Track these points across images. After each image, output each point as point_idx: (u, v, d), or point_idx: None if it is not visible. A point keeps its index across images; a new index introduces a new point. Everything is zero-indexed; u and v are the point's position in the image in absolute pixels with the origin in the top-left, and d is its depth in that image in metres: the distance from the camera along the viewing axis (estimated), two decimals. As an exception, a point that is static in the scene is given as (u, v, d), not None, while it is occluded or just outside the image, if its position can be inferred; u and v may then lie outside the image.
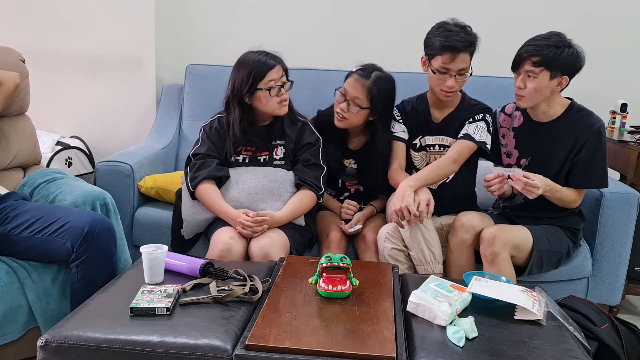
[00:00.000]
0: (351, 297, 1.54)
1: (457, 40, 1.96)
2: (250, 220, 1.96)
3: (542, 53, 1.87)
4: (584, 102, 2.07)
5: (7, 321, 1.65)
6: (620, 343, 1.80)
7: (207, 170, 2.06)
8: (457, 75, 2.00)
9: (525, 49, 1.91)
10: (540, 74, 1.89)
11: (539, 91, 1.92)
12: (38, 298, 1.73)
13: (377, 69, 2.12)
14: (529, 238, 1.94)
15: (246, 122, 2.08)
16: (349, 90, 2.09)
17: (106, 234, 1.75)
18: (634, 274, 2.39)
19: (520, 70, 1.93)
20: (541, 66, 1.88)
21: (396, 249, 1.99)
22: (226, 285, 1.54)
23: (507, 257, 1.88)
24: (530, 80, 1.91)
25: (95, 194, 1.90)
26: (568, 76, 1.92)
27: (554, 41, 1.89)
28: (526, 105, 1.98)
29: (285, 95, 2.08)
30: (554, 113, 2.01)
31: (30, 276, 1.73)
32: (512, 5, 2.86)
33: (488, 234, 1.90)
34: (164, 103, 2.87)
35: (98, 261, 1.73)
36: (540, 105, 1.99)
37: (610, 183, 2.26)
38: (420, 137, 2.17)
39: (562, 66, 1.88)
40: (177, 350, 1.28)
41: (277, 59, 2.07)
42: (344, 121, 2.13)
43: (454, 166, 2.06)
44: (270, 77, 2.03)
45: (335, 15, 2.93)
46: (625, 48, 2.87)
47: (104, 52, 2.86)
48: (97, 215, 1.82)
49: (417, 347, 1.32)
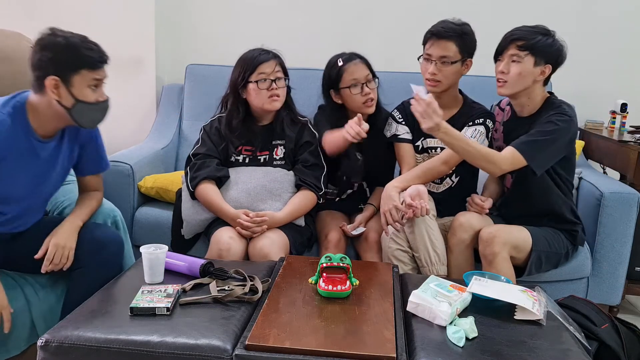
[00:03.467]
0: (351, 297, 1.54)
1: (440, 26, 2.00)
2: (249, 220, 1.96)
3: (529, 37, 1.87)
4: (584, 102, 2.07)
5: (10, 336, 1.64)
6: (620, 343, 1.80)
7: (207, 170, 2.06)
8: (438, 62, 2.00)
9: (512, 33, 1.91)
10: (525, 59, 1.88)
11: (523, 77, 1.90)
12: (42, 315, 1.73)
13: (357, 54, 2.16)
14: (529, 239, 1.93)
15: (242, 115, 2.09)
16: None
17: (115, 246, 1.76)
18: (634, 274, 2.39)
19: (504, 55, 1.92)
20: (526, 50, 1.87)
21: (401, 250, 1.98)
22: (226, 285, 1.54)
23: (506, 257, 1.87)
24: (514, 65, 1.89)
25: (105, 211, 1.89)
26: (552, 66, 1.91)
27: (540, 29, 1.90)
28: (507, 92, 1.95)
29: (278, 91, 2.06)
30: (535, 107, 1.98)
31: (37, 294, 1.73)
32: (512, 5, 2.86)
33: (487, 233, 1.89)
34: (164, 103, 2.87)
35: (100, 272, 1.70)
36: (521, 97, 1.96)
37: (610, 183, 2.27)
38: (423, 139, 2.17)
39: (547, 54, 1.88)
40: (177, 350, 1.28)
41: (272, 54, 2.07)
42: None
43: (443, 167, 2.05)
44: (261, 69, 2.03)
45: (336, 16, 2.93)
46: (625, 48, 2.87)
47: (104, 52, 2.86)
48: (110, 228, 1.84)
49: (417, 347, 1.32)
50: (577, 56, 2.87)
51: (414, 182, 2.00)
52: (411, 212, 1.90)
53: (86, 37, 1.61)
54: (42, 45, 1.55)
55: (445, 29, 1.99)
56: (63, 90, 1.55)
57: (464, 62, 2.04)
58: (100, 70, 1.61)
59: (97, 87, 1.61)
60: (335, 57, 2.17)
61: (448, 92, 2.09)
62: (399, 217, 1.93)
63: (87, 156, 1.82)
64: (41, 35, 1.56)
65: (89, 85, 1.58)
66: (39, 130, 1.63)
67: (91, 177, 1.86)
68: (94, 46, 1.60)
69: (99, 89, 1.62)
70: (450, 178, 2.16)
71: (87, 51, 1.57)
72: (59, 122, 1.64)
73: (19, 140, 1.59)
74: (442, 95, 2.09)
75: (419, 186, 1.96)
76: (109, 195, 2.04)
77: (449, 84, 2.06)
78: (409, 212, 1.91)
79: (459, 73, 2.05)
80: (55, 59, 1.53)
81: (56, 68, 1.54)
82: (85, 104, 1.59)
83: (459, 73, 2.05)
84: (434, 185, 2.17)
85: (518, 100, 1.99)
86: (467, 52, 2.03)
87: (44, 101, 1.58)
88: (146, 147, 2.60)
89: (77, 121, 1.61)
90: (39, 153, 1.65)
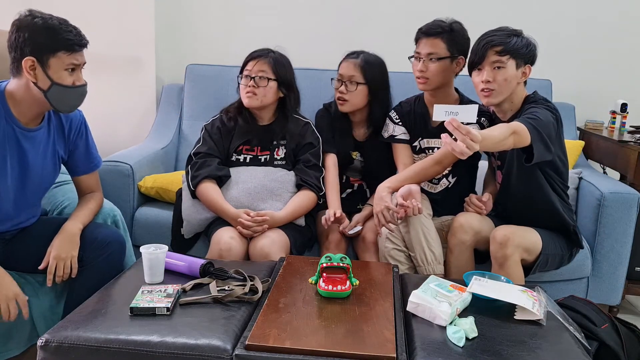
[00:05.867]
0: (351, 297, 1.54)
1: (429, 24, 2.03)
2: (250, 220, 1.96)
3: (505, 41, 1.84)
4: (584, 102, 2.06)
5: (11, 336, 1.64)
6: (620, 343, 1.80)
7: (208, 170, 2.06)
8: (426, 59, 2.01)
9: (486, 39, 1.87)
10: (507, 63, 1.84)
11: (508, 82, 1.86)
12: (43, 315, 1.73)
13: (365, 52, 2.19)
14: (539, 241, 1.90)
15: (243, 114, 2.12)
16: (344, 72, 2.16)
17: (117, 246, 1.75)
18: (634, 274, 2.39)
19: (483, 64, 1.86)
20: (507, 54, 1.84)
21: (397, 249, 1.99)
22: (226, 285, 1.54)
23: (517, 260, 1.84)
24: (498, 72, 1.85)
25: (105, 211, 1.89)
26: (530, 65, 1.89)
27: (510, 31, 1.87)
28: (497, 100, 1.89)
29: (255, 89, 2.07)
30: (516, 108, 1.94)
31: (36, 293, 1.73)
32: (512, 6, 2.86)
33: (501, 235, 1.84)
34: (164, 103, 2.87)
35: (102, 271, 1.70)
36: (504, 103, 1.92)
37: (610, 183, 2.27)
38: (420, 139, 2.17)
39: (524, 55, 1.86)
40: (177, 350, 1.28)
41: (264, 54, 2.11)
42: (346, 103, 2.16)
43: (437, 167, 2.05)
44: (248, 66, 2.10)
45: (336, 16, 2.93)
46: (625, 48, 2.87)
47: (104, 52, 2.86)
48: (111, 227, 1.83)
49: (417, 347, 1.32)
50: (577, 56, 2.89)
51: (406, 183, 1.99)
52: (403, 211, 1.90)
53: (66, 20, 1.60)
54: (20, 26, 1.55)
55: (432, 27, 2.01)
56: (39, 72, 1.55)
57: (454, 59, 2.02)
58: (78, 53, 1.60)
59: (74, 71, 1.60)
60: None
61: (442, 91, 2.09)
62: (392, 218, 1.93)
63: (78, 154, 1.82)
64: (19, 16, 1.57)
65: (66, 68, 1.57)
66: (20, 118, 1.63)
67: (86, 177, 1.86)
68: (73, 29, 1.59)
69: (76, 72, 1.61)
70: (447, 178, 2.16)
71: (65, 33, 1.56)
72: (38, 107, 1.63)
73: (0, 127, 1.59)
74: (437, 93, 2.10)
75: (411, 185, 1.96)
76: (109, 195, 2.05)
77: (440, 82, 2.05)
78: (401, 212, 1.90)
79: (448, 70, 2.03)
80: (32, 39, 1.53)
81: (33, 49, 1.53)
82: (61, 87, 1.57)
83: (448, 70, 2.03)
84: (431, 186, 2.17)
85: (501, 107, 1.95)
86: (457, 49, 2.02)
87: (22, 85, 1.58)
88: (146, 147, 2.60)
89: (54, 105, 1.60)
90: (22, 141, 1.64)
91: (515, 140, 1.65)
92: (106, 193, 2.08)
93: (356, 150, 2.27)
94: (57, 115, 1.74)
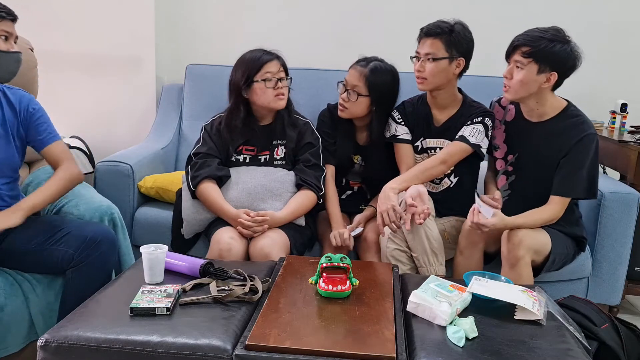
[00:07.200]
0: (351, 297, 1.53)
1: (429, 25, 2.02)
2: (250, 220, 1.96)
3: (533, 44, 1.82)
4: (584, 102, 2.06)
5: (9, 333, 1.64)
6: (620, 343, 1.80)
7: (207, 170, 2.06)
8: (424, 60, 2.01)
9: (518, 37, 1.87)
10: (527, 66, 1.84)
11: (525, 84, 1.86)
12: (41, 312, 1.73)
13: (378, 60, 2.15)
14: (549, 242, 1.90)
15: (243, 115, 2.09)
16: (349, 79, 2.13)
17: (108, 244, 1.75)
18: (634, 274, 2.39)
19: (510, 60, 1.89)
20: (530, 57, 1.83)
21: (399, 250, 1.98)
22: (226, 285, 1.54)
23: (528, 261, 1.84)
24: (517, 71, 1.86)
25: (102, 209, 1.89)
26: (557, 73, 1.85)
27: (549, 35, 1.84)
28: (511, 97, 1.93)
29: (283, 90, 2.08)
30: (545, 113, 1.95)
31: (34, 290, 1.73)
32: (511, 6, 2.86)
33: (514, 237, 1.84)
34: (164, 103, 2.87)
35: (95, 269, 1.71)
36: (528, 101, 1.94)
37: (610, 183, 2.27)
38: (422, 139, 2.17)
39: (551, 61, 1.83)
40: (177, 350, 1.28)
41: (274, 55, 2.09)
42: (345, 111, 2.15)
43: (442, 167, 2.05)
44: (266, 69, 2.05)
45: (336, 15, 2.93)
46: (625, 48, 2.87)
47: (104, 52, 2.86)
48: (102, 225, 1.83)
49: (417, 347, 1.32)
50: (577, 56, 2.88)
51: (412, 183, 1.99)
52: (410, 217, 1.89)
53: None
54: None
55: (432, 27, 2.01)
56: None
57: (453, 60, 2.01)
58: (6, 22, 1.70)
59: (7, 40, 1.72)
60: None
61: (445, 92, 2.09)
62: (396, 218, 1.93)
63: (33, 129, 1.83)
64: None
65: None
66: None
67: (48, 149, 1.85)
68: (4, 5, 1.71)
69: (9, 41, 1.73)
70: (449, 178, 2.16)
71: None
72: None
73: None
74: (438, 94, 2.09)
75: (420, 187, 1.96)
76: (109, 195, 2.05)
77: (438, 82, 2.04)
78: (408, 216, 1.90)
79: (447, 71, 2.02)
80: None
81: None
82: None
83: (447, 71, 2.02)
84: (433, 186, 2.17)
85: (526, 104, 1.96)
86: (457, 50, 2.00)
87: None
88: (146, 147, 2.60)
89: None
90: None
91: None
92: (106, 193, 2.08)
93: (357, 154, 2.27)
94: (7, 97, 1.78)
